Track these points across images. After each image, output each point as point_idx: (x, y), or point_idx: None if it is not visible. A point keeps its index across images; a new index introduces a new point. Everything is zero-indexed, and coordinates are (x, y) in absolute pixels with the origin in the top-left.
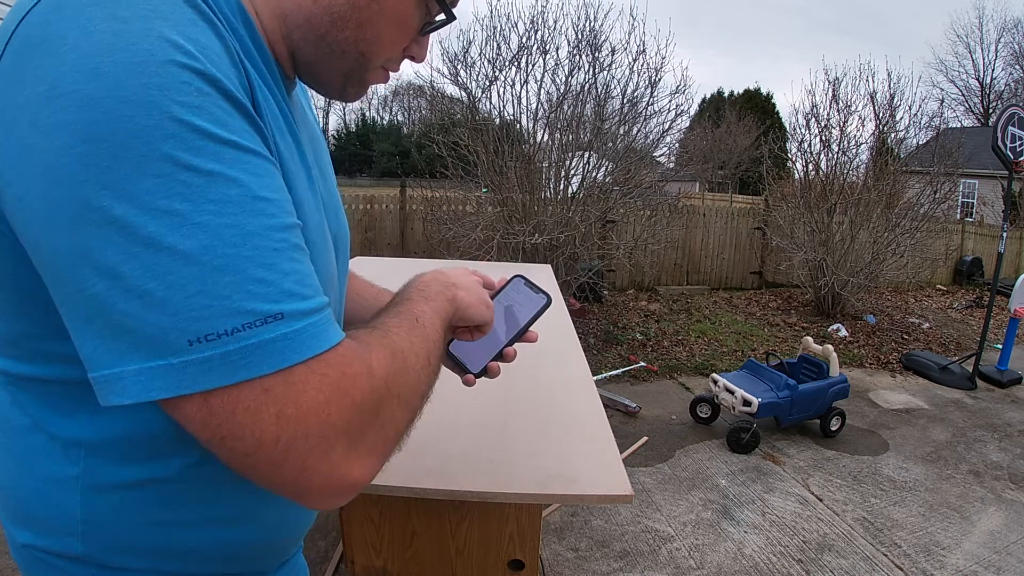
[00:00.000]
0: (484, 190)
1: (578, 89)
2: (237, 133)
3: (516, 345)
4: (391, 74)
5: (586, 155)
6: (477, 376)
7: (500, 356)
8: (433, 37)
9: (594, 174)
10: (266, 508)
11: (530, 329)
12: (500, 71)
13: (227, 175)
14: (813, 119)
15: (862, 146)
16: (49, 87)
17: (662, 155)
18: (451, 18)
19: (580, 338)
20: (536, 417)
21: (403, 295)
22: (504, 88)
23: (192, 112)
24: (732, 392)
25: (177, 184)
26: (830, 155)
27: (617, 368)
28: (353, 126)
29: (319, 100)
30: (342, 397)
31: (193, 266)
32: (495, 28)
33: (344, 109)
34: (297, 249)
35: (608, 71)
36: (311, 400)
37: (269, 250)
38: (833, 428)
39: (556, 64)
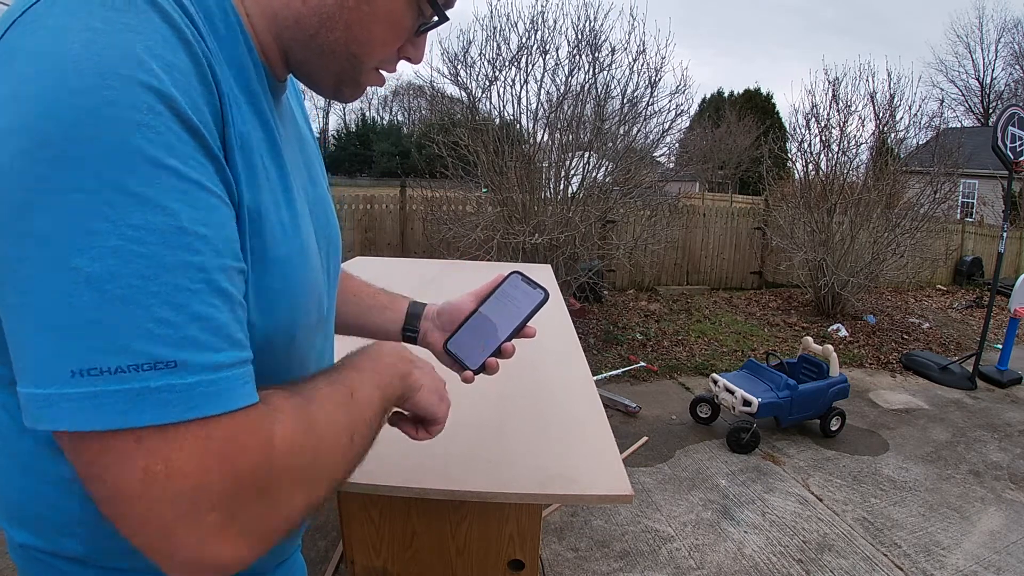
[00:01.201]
0: (484, 190)
1: (578, 89)
2: (182, 160)
3: (514, 342)
4: (388, 75)
5: (586, 155)
6: (476, 372)
7: (499, 352)
8: (432, 37)
9: (594, 174)
10: None
11: (528, 325)
12: (500, 71)
13: (156, 202)
14: (813, 119)
15: (862, 146)
16: (13, 90)
17: (662, 155)
18: (443, 19)
19: (580, 338)
20: (536, 417)
21: (350, 359)
22: (504, 88)
23: (137, 132)
24: (732, 392)
25: (100, 203)
26: (830, 155)
27: (617, 368)
28: (353, 126)
29: (319, 100)
30: (224, 466)
31: (94, 291)
32: (495, 28)
33: (344, 109)
34: (220, 294)
35: (608, 71)
36: (186, 463)
37: (182, 289)
38: (833, 428)
39: (556, 64)
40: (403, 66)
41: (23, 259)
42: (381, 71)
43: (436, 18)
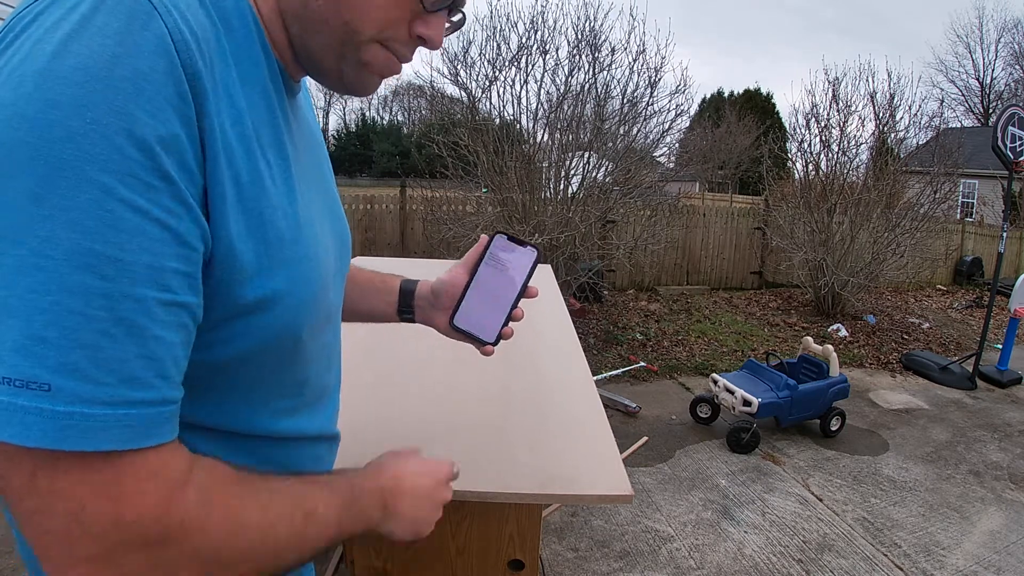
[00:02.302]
0: (484, 190)
1: (578, 89)
2: (119, 178)
3: (520, 307)
4: (399, 64)
5: (586, 155)
6: (494, 344)
7: (509, 317)
8: None
9: (594, 174)
10: None
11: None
12: (500, 71)
13: (71, 217)
14: (813, 119)
15: (862, 146)
16: None
17: (662, 155)
18: None
19: (580, 338)
20: (536, 417)
21: (337, 478)
22: (504, 88)
23: (69, 142)
24: (732, 392)
25: (15, 209)
26: (830, 155)
27: (617, 368)
28: (353, 126)
29: (319, 100)
30: (106, 507)
31: None
32: (495, 28)
33: (344, 109)
34: (122, 325)
35: (608, 71)
36: (69, 489)
37: (74, 313)
38: (833, 428)
39: (556, 64)
40: (404, 66)
41: None
42: (390, 49)
43: None
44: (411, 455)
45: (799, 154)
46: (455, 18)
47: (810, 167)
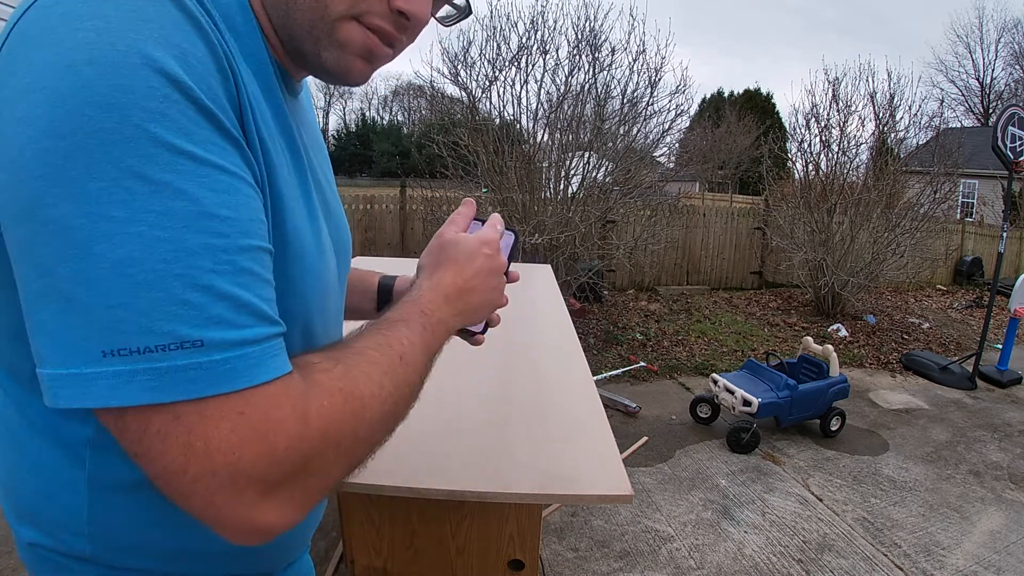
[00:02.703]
0: (484, 190)
1: (578, 89)
2: (201, 145)
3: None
4: (390, 69)
5: (586, 155)
6: (483, 332)
7: None
8: (433, 37)
9: (594, 174)
10: None
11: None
12: (500, 71)
13: (176, 187)
14: (813, 119)
15: (862, 146)
16: (30, 80)
17: (662, 155)
18: None
19: (580, 338)
20: (536, 417)
21: (401, 308)
22: (504, 88)
23: (153, 118)
24: (732, 392)
25: (119, 190)
26: (830, 155)
27: (617, 368)
28: (353, 126)
29: (319, 100)
30: (259, 443)
31: (119, 277)
32: (495, 28)
33: (344, 109)
34: (246, 274)
35: (608, 71)
36: (222, 439)
37: (206, 271)
38: (833, 428)
39: (556, 64)
40: (403, 66)
41: (44, 246)
42: (368, 27)
43: None
44: (456, 239)
45: (799, 154)
46: (458, 1)
47: (810, 167)
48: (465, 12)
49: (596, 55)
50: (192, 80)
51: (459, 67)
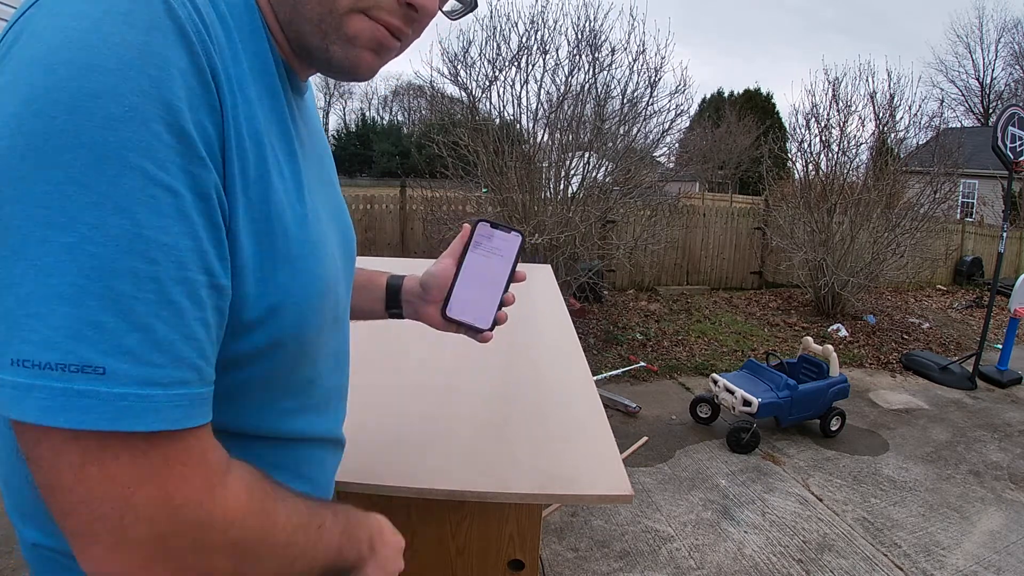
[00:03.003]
0: (484, 190)
1: (578, 89)
2: (158, 163)
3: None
4: (393, 70)
5: (586, 155)
6: (491, 330)
7: (501, 303)
8: (433, 37)
9: (594, 174)
10: None
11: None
12: (500, 71)
13: (116, 202)
14: (813, 119)
15: (862, 146)
16: (11, 78)
17: (662, 155)
18: None
19: (580, 338)
20: (536, 417)
21: (338, 508)
22: (504, 88)
23: (113, 127)
24: (732, 392)
25: (60, 197)
26: (830, 155)
27: (617, 368)
28: (353, 126)
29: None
30: (156, 490)
31: (40, 285)
32: (495, 28)
33: (344, 109)
34: (173, 308)
35: (608, 71)
36: (119, 473)
37: (127, 295)
38: (833, 428)
39: (556, 64)
40: (403, 66)
41: None
42: (375, 19)
43: None
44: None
45: (799, 154)
46: None
47: (810, 167)
48: (471, 5)
49: (596, 55)
50: (168, 93)
51: (459, 67)
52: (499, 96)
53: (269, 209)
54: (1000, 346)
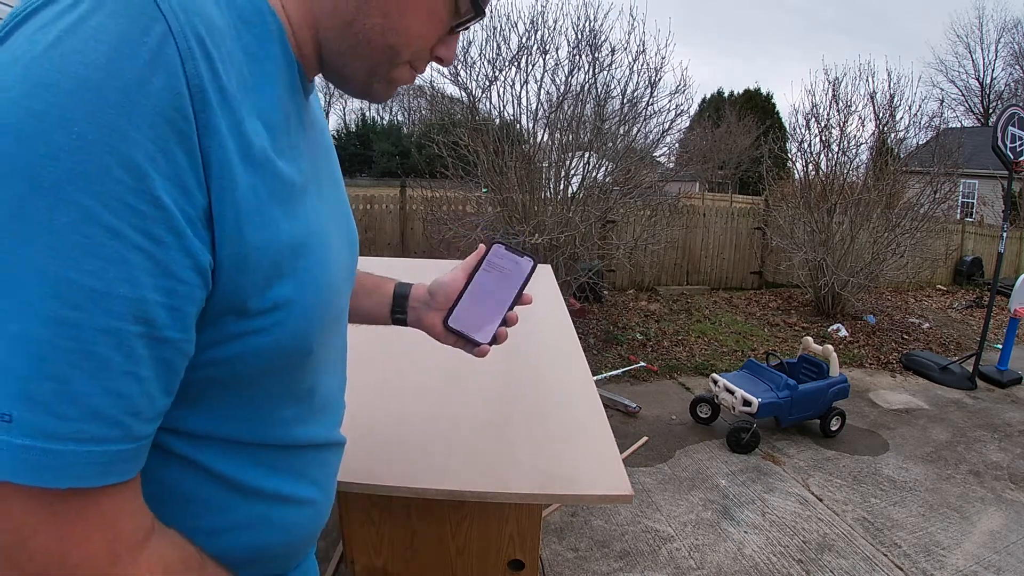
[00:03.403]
0: (484, 190)
1: (578, 89)
2: (100, 198)
3: (514, 314)
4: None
5: (586, 155)
6: (489, 344)
7: (504, 321)
8: None
9: (594, 174)
10: (283, 511)
11: (524, 292)
12: (500, 71)
13: (46, 239)
14: (813, 119)
15: (862, 146)
16: None
17: (662, 155)
18: (480, 15)
19: (580, 338)
20: (536, 417)
21: None
22: (504, 88)
23: (55, 156)
24: (732, 392)
25: None
26: (830, 155)
27: (617, 368)
28: (353, 126)
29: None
30: (47, 547)
31: None
32: (495, 28)
33: (344, 109)
34: (94, 360)
35: (608, 71)
36: (21, 524)
37: (43, 341)
38: (833, 428)
39: (556, 64)
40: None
41: None
42: (413, 68)
43: (472, 14)
44: None
45: (799, 154)
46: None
47: (810, 167)
48: (477, 15)
49: (596, 55)
50: (123, 121)
51: (459, 67)
52: (499, 96)
53: (274, 220)
54: (1000, 346)
